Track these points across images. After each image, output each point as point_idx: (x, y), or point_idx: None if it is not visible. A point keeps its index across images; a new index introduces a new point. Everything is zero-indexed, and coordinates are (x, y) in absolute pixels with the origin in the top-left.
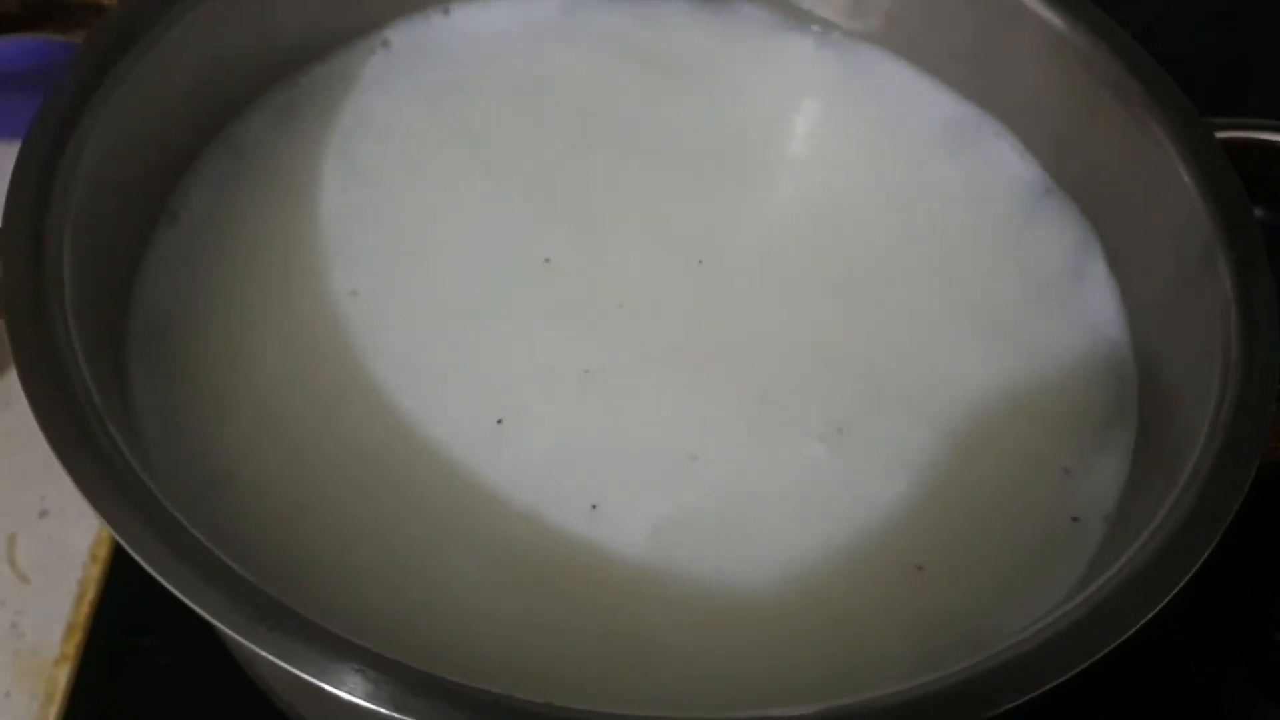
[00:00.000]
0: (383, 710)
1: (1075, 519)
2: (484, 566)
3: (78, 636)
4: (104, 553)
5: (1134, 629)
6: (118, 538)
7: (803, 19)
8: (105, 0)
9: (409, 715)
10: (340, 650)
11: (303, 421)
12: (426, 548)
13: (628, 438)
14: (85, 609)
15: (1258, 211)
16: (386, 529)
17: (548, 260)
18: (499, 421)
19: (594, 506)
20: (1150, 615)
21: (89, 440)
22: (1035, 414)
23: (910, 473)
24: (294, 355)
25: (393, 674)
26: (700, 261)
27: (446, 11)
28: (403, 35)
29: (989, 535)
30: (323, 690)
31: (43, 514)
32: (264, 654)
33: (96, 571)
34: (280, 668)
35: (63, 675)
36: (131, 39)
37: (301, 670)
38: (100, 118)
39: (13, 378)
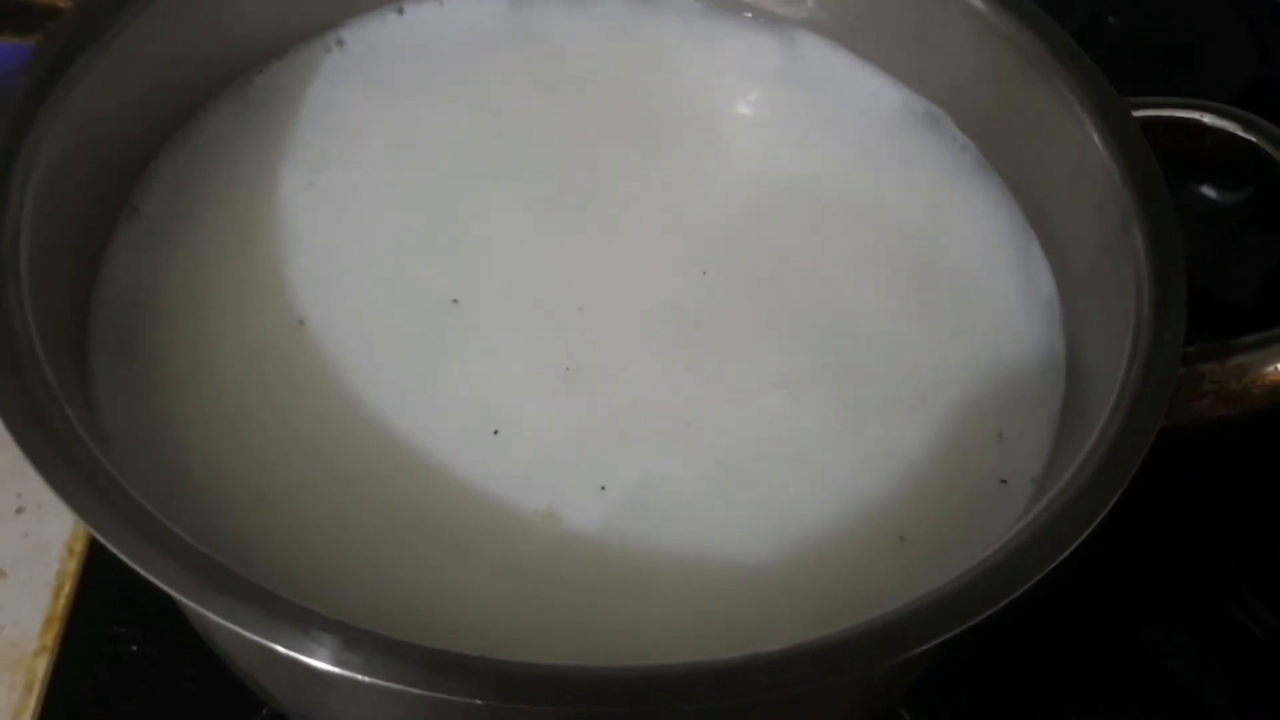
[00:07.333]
0: (324, 666)
1: (1004, 481)
2: (491, 564)
3: (56, 628)
4: (80, 547)
5: (1023, 589)
6: (68, 507)
7: (739, 7)
8: (62, 3)
9: (349, 670)
10: (286, 611)
11: (265, 418)
12: (431, 556)
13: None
14: (63, 601)
15: (1207, 190)
16: (365, 527)
17: (463, 294)
18: (495, 432)
19: (603, 487)
20: (1041, 575)
21: (44, 422)
22: (974, 382)
23: (860, 441)
24: (257, 355)
25: (334, 630)
26: (649, 252)
27: (400, 11)
28: (357, 34)
29: (926, 499)
30: (272, 650)
31: (19, 510)
32: (213, 617)
33: (73, 565)
34: (235, 634)
35: (42, 666)
36: (86, 40)
37: (248, 630)
38: (56, 117)
39: None
